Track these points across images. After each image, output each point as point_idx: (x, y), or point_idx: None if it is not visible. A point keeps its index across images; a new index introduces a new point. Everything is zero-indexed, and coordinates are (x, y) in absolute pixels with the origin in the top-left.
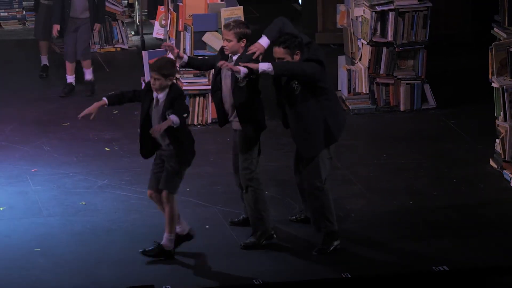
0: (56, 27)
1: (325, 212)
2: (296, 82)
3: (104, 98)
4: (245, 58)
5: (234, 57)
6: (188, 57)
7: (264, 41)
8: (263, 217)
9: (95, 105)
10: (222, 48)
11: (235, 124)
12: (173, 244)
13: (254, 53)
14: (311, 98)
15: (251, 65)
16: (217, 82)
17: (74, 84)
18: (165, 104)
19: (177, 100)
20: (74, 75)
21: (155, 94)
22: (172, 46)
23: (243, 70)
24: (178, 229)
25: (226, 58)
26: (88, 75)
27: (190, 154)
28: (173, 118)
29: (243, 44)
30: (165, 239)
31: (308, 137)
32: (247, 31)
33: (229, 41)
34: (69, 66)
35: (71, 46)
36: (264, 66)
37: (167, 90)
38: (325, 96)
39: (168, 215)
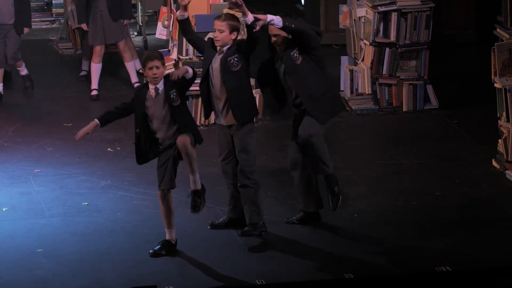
0: None
1: (321, 156)
2: (297, 52)
3: (96, 120)
4: (235, 45)
5: (225, 49)
6: (187, 18)
7: (274, 16)
8: (260, 212)
9: (90, 125)
10: (210, 40)
11: (226, 119)
12: (200, 185)
13: (242, 39)
14: (313, 66)
15: (260, 16)
16: (206, 72)
17: (2, 92)
18: (165, 88)
19: (179, 85)
20: (2, 83)
21: (152, 87)
22: None
23: (250, 17)
24: (168, 235)
25: (215, 50)
26: (23, 71)
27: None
28: (188, 69)
29: (233, 37)
30: (192, 183)
31: (318, 102)
32: (239, 25)
33: (222, 31)
34: None
35: (1, 53)
36: (273, 16)
37: (163, 81)
38: (322, 67)
39: (190, 160)
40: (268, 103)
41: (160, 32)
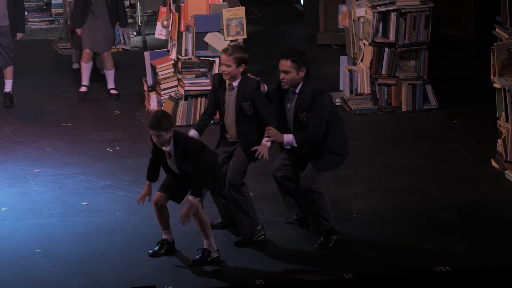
0: None
1: (321, 212)
2: (304, 114)
3: (147, 181)
4: (249, 86)
5: (235, 84)
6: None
7: (288, 137)
8: (255, 219)
9: (147, 188)
10: (218, 75)
11: (231, 138)
12: (215, 246)
13: (257, 82)
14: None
15: (278, 138)
16: (220, 108)
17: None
18: (176, 158)
19: (191, 160)
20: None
21: (164, 149)
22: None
23: (267, 144)
24: (165, 235)
25: (225, 85)
26: (7, 87)
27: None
28: (193, 201)
29: (241, 69)
30: (205, 244)
31: (321, 155)
32: (246, 56)
33: (229, 66)
34: None
35: None
36: (289, 139)
37: (172, 143)
38: (332, 128)
39: (202, 226)
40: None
41: (159, 32)
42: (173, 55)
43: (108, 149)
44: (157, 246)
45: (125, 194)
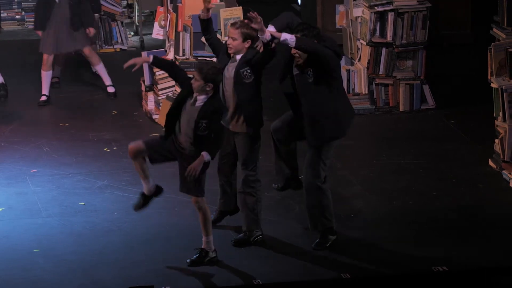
0: None
1: (323, 210)
2: (311, 70)
3: (151, 56)
4: (249, 55)
5: (238, 57)
6: (210, 18)
7: (270, 29)
8: (258, 219)
9: (141, 58)
10: (226, 48)
11: (232, 126)
12: (213, 246)
13: (256, 49)
14: (323, 88)
15: (275, 34)
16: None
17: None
18: (201, 110)
19: (214, 120)
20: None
21: (194, 94)
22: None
23: (267, 35)
24: (145, 190)
25: (228, 57)
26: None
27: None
28: (206, 157)
29: (247, 45)
30: (204, 243)
31: (318, 125)
32: (253, 33)
33: (235, 39)
34: None
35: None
36: (287, 36)
37: (206, 96)
38: (337, 88)
39: (202, 220)
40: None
41: (157, 32)
42: (171, 55)
43: (105, 149)
44: (196, 255)
45: (122, 194)
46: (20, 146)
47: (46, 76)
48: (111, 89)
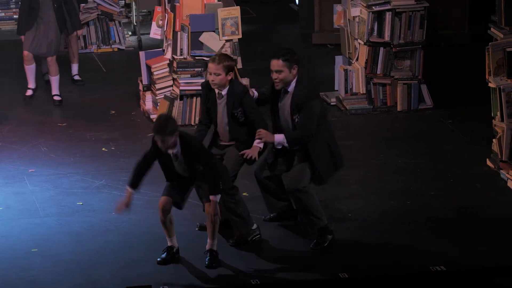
0: None
1: (311, 211)
2: (297, 116)
3: (128, 188)
4: (237, 93)
5: (223, 92)
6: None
7: (279, 137)
8: (247, 220)
9: (128, 196)
10: (206, 84)
11: (224, 143)
12: (216, 248)
13: (244, 87)
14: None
15: (269, 138)
16: (211, 114)
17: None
18: (185, 158)
19: (201, 159)
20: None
21: (170, 151)
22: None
23: (259, 146)
24: (170, 242)
25: (214, 94)
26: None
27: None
28: (215, 198)
29: (229, 77)
30: (209, 245)
31: (316, 163)
32: (233, 63)
33: (218, 74)
34: None
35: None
36: (280, 139)
37: (178, 144)
38: (325, 126)
39: (213, 227)
40: None
41: (155, 32)
42: (168, 54)
43: (103, 148)
44: (164, 253)
45: (120, 194)
46: (18, 146)
47: (29, 70)
48: (57, 98)
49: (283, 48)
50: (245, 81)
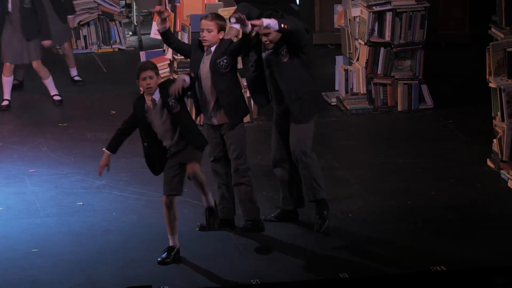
0: None
1: (315, 178)
2: (284, 50)
3: (106, 151)
4: (224, 45)
5: (212, 49)
6: (168, 28)
7: (269, 20)
8: (258, 209)
9: (104, 158)
10: (197, 41)
11: (217, 119)
12: (213, 201)
13: (230, 40)
14: (297, 64)
15: (256, 22)
16: (196, 74)
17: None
18: (163, 97)
19: (171, 84)
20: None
21: (148, 98)
22: (162, 8)
23: (249, 26)
24: (172, 241)
25: (202, 51)
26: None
27: (201, 138)
28: (185, 77)
29: (220, 36)
30: (205, 202)
31: (302, 101)
32: (225, 24)
33: (210, 31)
34: None
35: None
36: (269, 21)
37: (157, 91)
38: (310, 65)
39: (201, 186)
40: (255, 97)
41: (155, 32)
42: (169, 54)
43: (103, 149)
44: (165, 253)
45: (120, 194)
46: (18, 146)
47: (7, 82)
48: (57, 98)
49: (267, 9)
50: (245, 81)
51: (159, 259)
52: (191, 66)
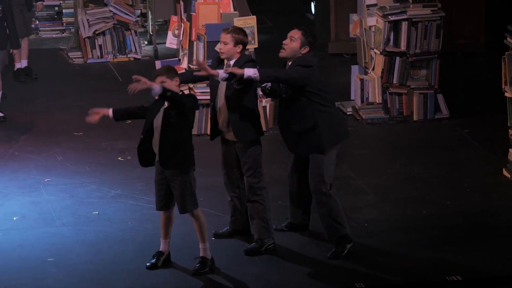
0: None
1: (334, 216)
2: (284, 86)
3: (110, 110)
4: (243, 60)
5: (231, 62)
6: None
7: (249, 70)
8: (270, 227)
9: (103, 110)
10: (217, 57)
11: (229, 135)
12: (210, 254)
13: (250, 56)
14: (301, 102)
15: (236, 70)
16: (213, 91)
17: None
18: (166, 107)
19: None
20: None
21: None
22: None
23: (221, 74)
24: (163, 245)
25: (221, 65)
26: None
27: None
28: (159, 86)
29: (238, 50)
30: (202, 250)
31: (304, 138)
32: (245, 39)
33: (226, 43)
34: None
35: None
36: (250, 72)
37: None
38: (319, 101)
39: (198, 228)
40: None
41: (171, 41)
42: (184, 64)
43: (119, 158)
44: (154, 259)
45: (136, 203)
46: (34, 155)
47: None
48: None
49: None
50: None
51: (147, 264)
52: (211, 80)
